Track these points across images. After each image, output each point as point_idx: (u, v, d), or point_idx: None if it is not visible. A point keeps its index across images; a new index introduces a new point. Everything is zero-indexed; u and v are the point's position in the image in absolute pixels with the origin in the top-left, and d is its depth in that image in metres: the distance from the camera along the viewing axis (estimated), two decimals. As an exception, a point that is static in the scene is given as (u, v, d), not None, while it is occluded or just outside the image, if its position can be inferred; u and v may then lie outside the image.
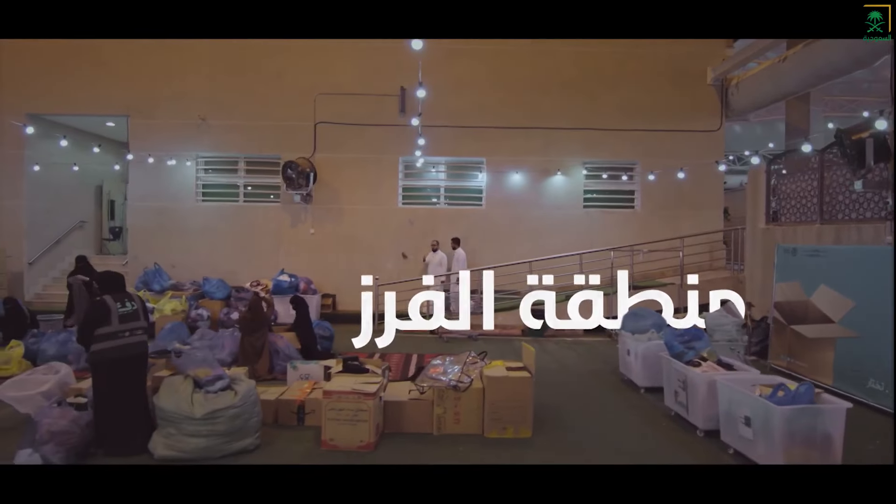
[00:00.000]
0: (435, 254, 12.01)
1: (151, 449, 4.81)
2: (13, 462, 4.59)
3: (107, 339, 4.94)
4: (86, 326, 4.97)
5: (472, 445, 5.26)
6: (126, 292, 5.22)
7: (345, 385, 5.25)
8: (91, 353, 4.94)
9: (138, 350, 4.99)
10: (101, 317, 4.97)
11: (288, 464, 4.15)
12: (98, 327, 4.94)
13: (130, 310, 5.05)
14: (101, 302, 5.03)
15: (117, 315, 4.98)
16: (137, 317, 5.06)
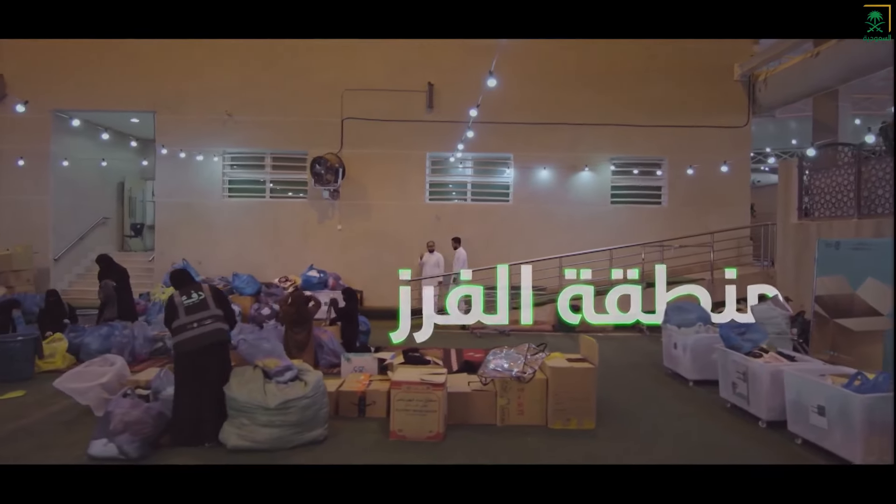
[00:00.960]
0: (431, 254, 11.82)
1: (223, 440, 4.79)
2: (88, 452, 4.59)
3: (178, 332, 4.96)
4: (165, 324, 5.11)
5: (539, 436, 5.25)
6: (194, 284, 5.28)
7: (412, 376, 5.24)
8: (172, 347, 4.96)
9: (209, 340, 4.95)
10: (170, 313, 5.03)
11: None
12: (171, 323, 4.98)
13: (196, 300, 5.06)
14: (169, 299, 5.12)
15: (183, 308, 5.03)
16: (206, 306, 5.05)
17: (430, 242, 11.89)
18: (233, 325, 5.20)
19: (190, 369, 4.89)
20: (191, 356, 4.90)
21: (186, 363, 4.91)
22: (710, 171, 12.41)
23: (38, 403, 6.07)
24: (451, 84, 12.50)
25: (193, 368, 4.89)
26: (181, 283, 5.32)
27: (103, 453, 4.53)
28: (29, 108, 12.53)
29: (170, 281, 5.49)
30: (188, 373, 4.88)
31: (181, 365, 4.91)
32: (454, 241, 12.00)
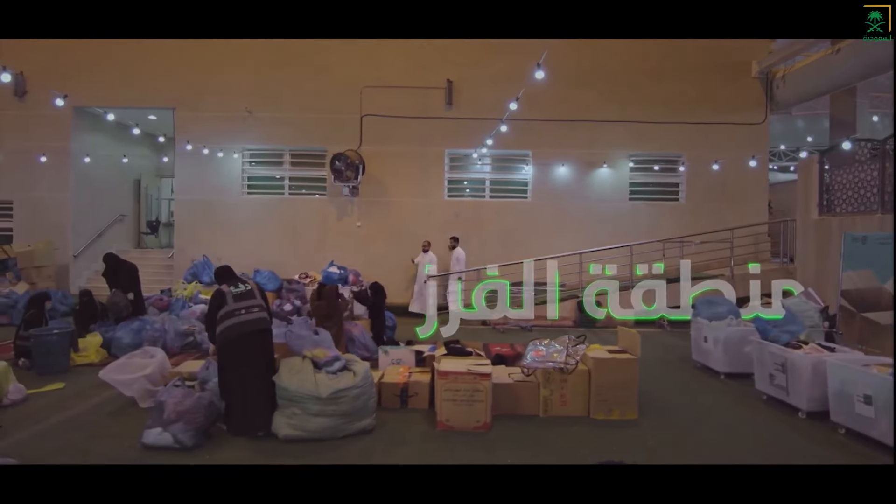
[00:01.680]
0: (426, 254, 11.70)
1: (275, 430, 4.83)
2: (142, 441, 4.63)
3: (226, 318, 5.00)
4: (209, 315, 5.14)
5: (583, 426, 5.29)
6: (238, 278, 5.33)
7: (458, 366, 5.28)
8: (217, 335, 4.98)
9: (256, 326, 5.01)
10: (218, 302, 5.08)
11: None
12: (218, 311, 5.02)
13: (243, 290, 5.14)
14: (217, 291, 5.18)
15: (231, 296, 5.08)
16: (252, 295, 5.13)
17: (425, 243, 11.77)
18: (270, 320, 5.24)
19: (237, 355, 4.92)
20: (238, 341, 4.92)
21: (234, 349, 4.93)
22: (727, 167, 12.45)
23: (78, 395, 6.11)
24: (470, 81, 12.55)
25: (240, 354, 4.91)
26: (227, 276, 5.38)
27: (158, 442, 4.57)
28: (49, 106, 12.62)
29: (215, 276, 5.54)
30: (235, 359, 4.91)
31: (228, 351, 4.94)
32: (452, 240, 11.85)
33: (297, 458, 4.47)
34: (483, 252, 12.48)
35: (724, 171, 12.43)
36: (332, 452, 4.61)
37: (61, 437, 4.86)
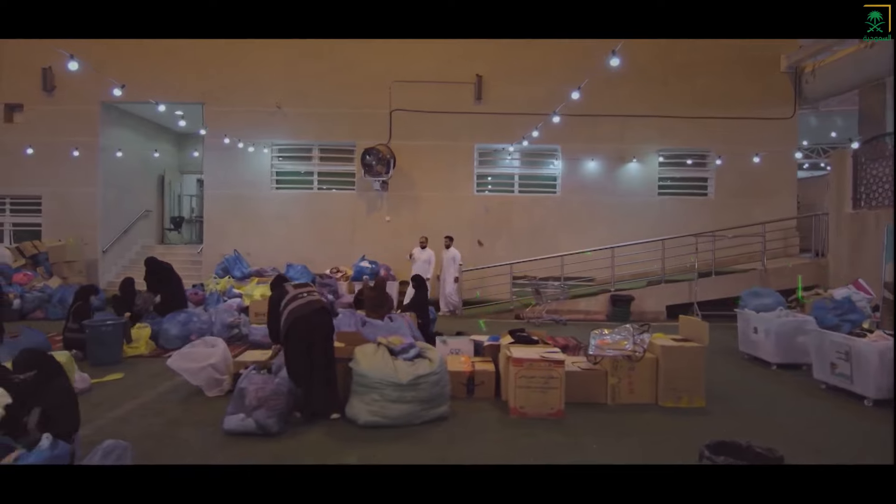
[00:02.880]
0: (423, 251, 11.40)
1: (354, 416, 4.84)
2: (224, 427, 4.63)
3: (290, 302, 5.08)
4: (271, 312, 5.26)
5: (655, 413, 5.32)
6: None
7: (531, 353, 5.29)
8: (284, 321, 5.00)
9: (318, 306, 5.09)
10: (279, 295, 5.24)
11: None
12: (279, 305, 5.10)
13: (301, 282, 5.28)
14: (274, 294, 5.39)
15: (291, 285, 5.25)
16: (309, 286, 5.34)
17: (422, 238, 11.49)
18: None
19: (304, 337, 4.94)
20: (305, 321, 4.96)
21: (300, 330, 4.94)
22: (756, 162, 12.45)
23: (141, 385, 6.12)
24: (500, 76, 12.56)
25: (307, 334, 4.94)
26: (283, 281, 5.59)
27: (241, 428, 4.57)
28: (78, 100, 12.65)
29: (272, 286, 5.72)
30: (303, 341, 4.93)
31: (296, 333, 4.94)
32: (447, 239, 11.50)
33: (382, 443, 4.48)
34: (513, 247, 12.51)
35: (752, 165, 12.43)
36: (414, 437, 4.62)
37: (141, 424, 4.87)
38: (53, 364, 3.91)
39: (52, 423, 3.52)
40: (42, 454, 3.24)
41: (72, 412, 3.75)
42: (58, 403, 3.66)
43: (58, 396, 3.64)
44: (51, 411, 3.58)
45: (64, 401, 3.71)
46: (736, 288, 11.31)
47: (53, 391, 3.63)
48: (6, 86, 12.64)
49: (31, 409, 3.60)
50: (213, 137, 12.62)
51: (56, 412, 3.61)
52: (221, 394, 5.74)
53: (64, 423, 3.62)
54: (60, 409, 3.65)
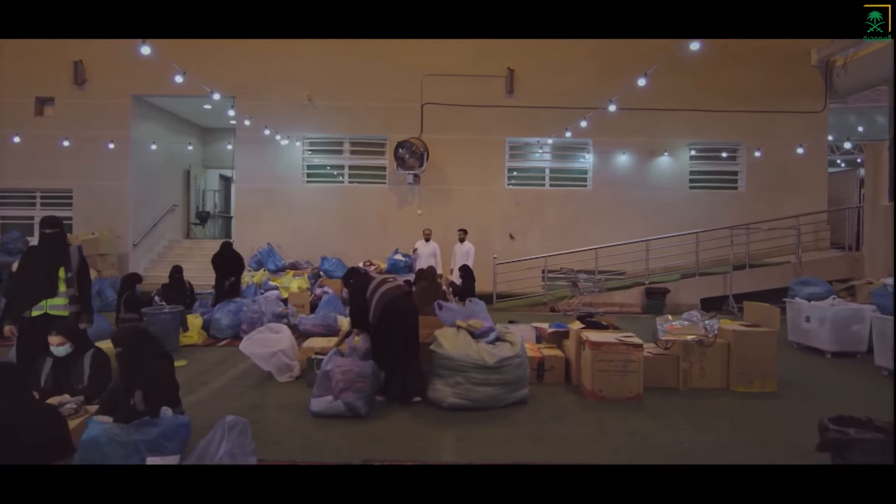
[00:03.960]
0: (427, 244, 11.06)
1: (438, 398, 4.84)
2: (311, 409, 4.64)
3: (379, 287, 5.06)
4: (356, 299, 5.20)
5: (730, 398, 5.33)
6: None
7: (607, 337, 5.30)
8: (374, 305, 5.00)
9: (406, 290, 5.15)
10: (364, 282, 5.22)
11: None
12: (364, 294, 5.10)
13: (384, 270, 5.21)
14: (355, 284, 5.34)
15: (376, 272, 5.14)
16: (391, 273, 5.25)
17: (426, 230, 11.19)
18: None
19: (394, 321, 4.95)
20: (398, 303, 4.98)
21: (391, 314, 4.95)
22: (787, 156, 12.49)
23: (208, 372, 6.12)
24: (531, 69, 12.57)
25: (397, 320, 4.95)
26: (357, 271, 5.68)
27: (330, 410, 4.58)
28: (109, 94, 12.64)
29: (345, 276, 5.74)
30: (393, 325, 4.94)
31: (387, 318, 4.95)
32: (461, 232, 11.07)
33: (472, 424, 4.49)
34: (544, 240, 12.53)
35: (783, 159, 12.48)
36: (504, 419, 4.63)
37: (225, 408, 4.84)
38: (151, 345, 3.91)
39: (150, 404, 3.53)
40: (167, 421, 3.26)
41: (169, 393, 3.75)
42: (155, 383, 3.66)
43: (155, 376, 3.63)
44: (149, 391, 3.58)
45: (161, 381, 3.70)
46: (770, 281, 11.38)
47: (151, 372, 3.63)
48: (37, 79, 12.62)
49: (134, 390, 3.61)
50: (244, 131, 12.63)
51: (153, 392, 3.61)
52: (291, 379, 5.76)
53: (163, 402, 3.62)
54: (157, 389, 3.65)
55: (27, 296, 4.46)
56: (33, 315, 4.44)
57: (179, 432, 3.22)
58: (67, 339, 3.96)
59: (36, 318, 4.43)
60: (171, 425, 3.20)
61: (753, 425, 4.60)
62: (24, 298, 4.47)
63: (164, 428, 3.17)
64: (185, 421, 3.33)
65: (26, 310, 4.44)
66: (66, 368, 4.02)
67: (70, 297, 4.56)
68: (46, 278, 4.48)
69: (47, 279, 4.48)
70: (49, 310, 4.46)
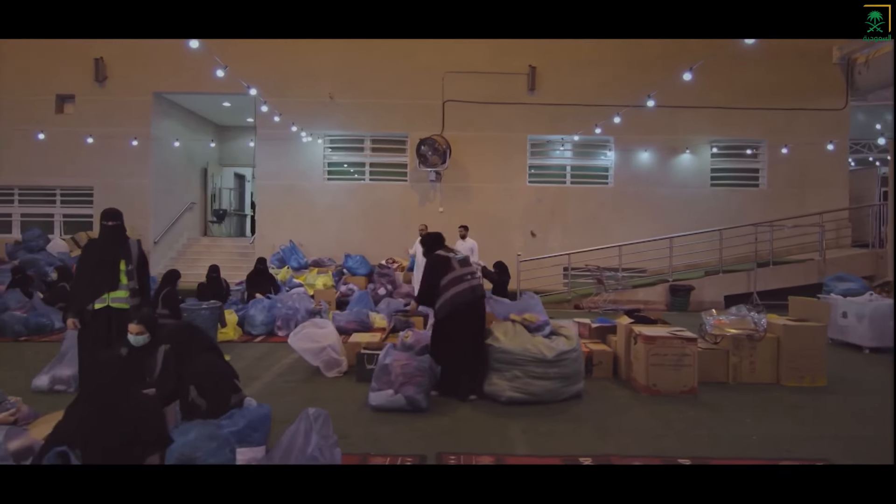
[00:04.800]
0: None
1: (495, 392, 4.83)
2: (370, 403, 4.63)
3: (455, 283, 4.99)
4: (430, 281, 5.11)
5: (783, 393, 5.32)
6: (448, 247, 5.31)
7: (660, 332, 5.29)
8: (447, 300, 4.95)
9: (480, 293, 5.06)
10: (444, 267, 5.06)
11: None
12: (441, 277, 5.01)
13: (462, 256, 5.13)
14: (437, 255, 5.16)
15: (457, 261, 5.06)
16: (469, 263, 5.15)
17: (421, 227, 10.26)
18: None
19: (463, 320, 4.91)
20: (469, 306, 4.93)
21: (463, 314, 4.92)
22: (808, 153, 12.49)
23: (254, 367, 6.12)
24: (553, 66, 12.56)
25: (468, 319, 4.92)
26: (440, 243, 5.36)
27: (391, 404, 4.56)
28: (129, 91, 12.61)
29: (425, 242, 5.48)
30: (461, 324, 4.90)
31: (456, 316, 4.92)
32: (461, 228, 10.26)
33: (534, 417, 4.49)
34: (566, 238, 12.52)
35: (804, 157, 12.48)
36: (565, 413, 4.63)
37: (284, 402, 4.82)
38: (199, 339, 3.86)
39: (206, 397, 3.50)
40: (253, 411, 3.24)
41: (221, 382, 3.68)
42: (206, 376, 3.60)
43: (206, 369, 3.58)
44: (201, 384, 3.54)
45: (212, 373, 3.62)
46: (794, 278, 11.38)
47: (201, 365, 3.59)
48: (58, 76, 12.59)
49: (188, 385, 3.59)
50: (265, 128, 12.61)
51: (206, 384, 3.57)
52: (340, 375, 5.74)
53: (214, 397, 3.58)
54: (209, 381, 3.60)
55: (90, 288, 4.42)
56: (96, 308, 4.40)
57: (265, 422, 3.20)
58: (147, 330, 3.94)
59: (98, 311, 4.40)
60: (257, 415, 3.19)
61: (816, 419, 4.60)
62: (87, 291, 4.43)
63: (251, 418, 3.16)
64: (268, 410, 3.32)
65: (90, 302, 4.40)
66: (140, 360, 3.99)
67: (131, 290, 4.52)
68: (109, 271, 4.44)
69: (110, 272, 4.44)
70: (111, 302, 4.43)
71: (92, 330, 4.38)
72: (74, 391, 5.05)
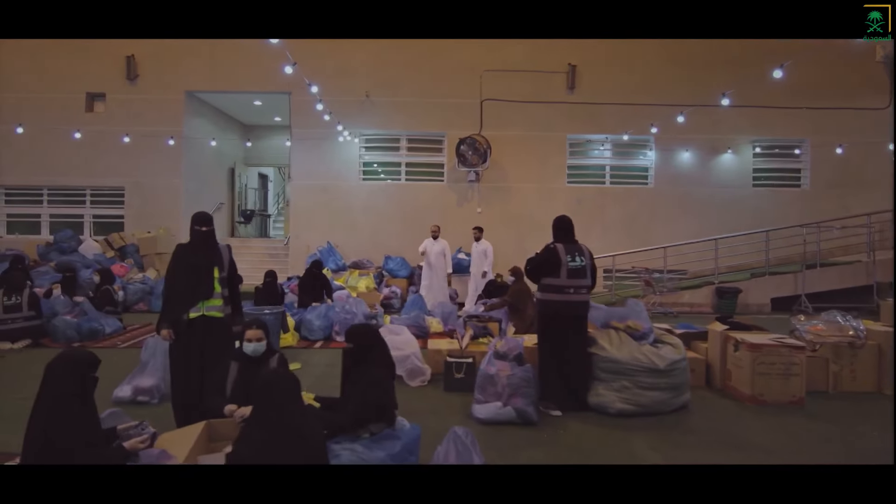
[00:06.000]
0: (436, 242, 10.00)
1: (601, 404, 4.62)
2: (475, 416, 4.42)
3: (552, 290, 4.77)
4: (537, 268, 4.86)
5: (888, 402, 5.11)
6: (577, 244, 4.98)
7: (762, 339, 5.09)
8: (537, 301, 4.77)
9: (581, 311, 4.77)
10: (551, 265, 4.79)
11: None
12: (547, 275, 4.78)
13: (579, 265, 4.80)
14: (553, 250, 4.86)
15: (566, 269, 4.78)
16: (584, 274, 4.80)
17: (433, 227, 10.09)
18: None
19: (558, 331, 4.70)
20: (556, 319, 4.71)
21: (551, 324, 4.72)
22: (851, 153, 12.31)
23: (329, 375, 5.87)
24: (593, 65, 12.36)
25: (562, 330, 4.70)
26: (566, 236, 4.98)
27: (500, 417, 4.36)
28: (161, 90, 12.38)
29: (554, 228, 5.11)
30: (551, 334, 4.70)
31: (549, 325, 4.73)
32: (476, 230, 10.06)
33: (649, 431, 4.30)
34: (605, 239, 12.28)
35: (847, 156, 12.30)
36: (678, 427, 4.42)
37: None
38: (380, 350, 3.68)
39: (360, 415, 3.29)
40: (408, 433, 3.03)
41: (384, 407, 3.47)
42: (372, 393, 3.36)
43: (373, 385, 3.39)
44: (364, 401, 3.34)
45: (380, 393, 3.42)
46: (842, 280, 11.20)
47: (371, 379, 3.39)
48: (88, 74, 12.34)
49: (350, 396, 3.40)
50: (299, 127, 12.39)
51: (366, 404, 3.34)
52: (424, 384, 5.53)
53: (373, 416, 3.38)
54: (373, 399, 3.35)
55: (185, 297, 4.15)
56: (191, 317, 4.14)
57: (418, 444, 3.00)
58: (266, 336, 3.72)
59: (193, 321, 4.13)
60: (411, 437, 2.99)
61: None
62: (182, 299, 4.15)
63: (406, 440, 2.97)
64: (419, 431, 3.11)
65: (185, 312, 4.13)
66: (256, 372, 3.75)
67: (224, 299, 4.27)
68: (203, 278, 4.17)
69: (205, 279, 4.17)
70: (206, 311, 4.15)
71: (185, 341, 4.12)
72: (158, 402, 4.84)
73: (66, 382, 2.78)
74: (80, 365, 2.87)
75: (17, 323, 6.99)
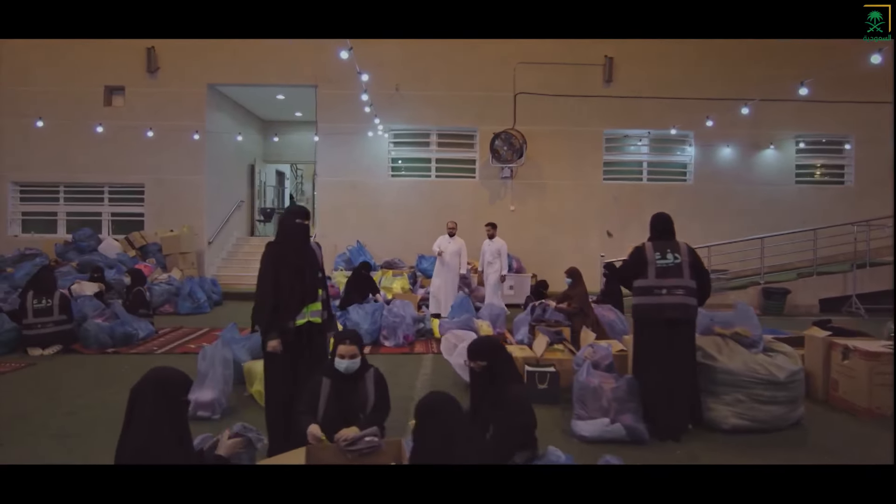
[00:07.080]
0: (452, 240, 9.29)
1: (716, 420, 4.19)
2: (578, 433, 4.00)
3: (641, 293, 4.32)
4: (625, 270, 4.49)
5: None
6: (672, 241, 4.53)
7: (873, 346, 4.67)
8: (632, 306, 4.34)
9: (677, 314, 4.16)
10: (638, 266, 4.35)
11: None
12: (634, 277, 4.34)
13: (671, 263, 4.30)
14: (640, 248, 4.43)
15: (654, 268, 4.30)
16: (679, 273, 4.27)
17: (450, 224, 9.41)
18: (703, 299, 4.39)
19: (654, 340, 4.22)
20: (649, 324, 4.25)
21: (644, 329, 4.28)
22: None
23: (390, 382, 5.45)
24: (631, 57, 11.92)
25: (654, 338, 4.22)
26: (663, 231, 4.59)
27: (607, 435, 3.94)
28: (183, 83, 11.92)
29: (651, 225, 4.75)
30: (649, 342, 4.24)
31: (639, 330, 4.29)
32: (489, 227, 9.39)
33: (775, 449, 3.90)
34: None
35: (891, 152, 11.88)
36: (805, 446, 4.00)
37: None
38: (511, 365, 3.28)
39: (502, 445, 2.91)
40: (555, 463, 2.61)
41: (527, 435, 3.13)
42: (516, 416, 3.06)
43: (515, 409, 2.98)
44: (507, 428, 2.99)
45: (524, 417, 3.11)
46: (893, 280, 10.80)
47: (510, 401, 2.98)
48: (107, 67, 11.87)
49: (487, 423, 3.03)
50: (326, 122, 11.95)
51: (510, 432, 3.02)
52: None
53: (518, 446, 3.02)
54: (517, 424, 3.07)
55: (293, 301, 3.57)
56: (298, 324, 3.58)
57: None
58: (360, 352, 3.28)
59: (301, 328, 3.58)
60: (565, 468, 2.55)
61: None
62: (289, 305, 3.56)
63: (560, 473, 2.51)
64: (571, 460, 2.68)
65: (293, 318, 3.56)
66: (351, 390, 3.31)
67: (322, 302, 3.74)
68: (309, 279, 3.63)
69: (310, 280, 3.64)
70: (310, 317, 3.61)
71: (293, 351, 3.56)
72: (220, 418, 4.40)
73: (158, 409, 2.35)
74: (171, 387, 2.45)
75: (47, 328, 6.53)
